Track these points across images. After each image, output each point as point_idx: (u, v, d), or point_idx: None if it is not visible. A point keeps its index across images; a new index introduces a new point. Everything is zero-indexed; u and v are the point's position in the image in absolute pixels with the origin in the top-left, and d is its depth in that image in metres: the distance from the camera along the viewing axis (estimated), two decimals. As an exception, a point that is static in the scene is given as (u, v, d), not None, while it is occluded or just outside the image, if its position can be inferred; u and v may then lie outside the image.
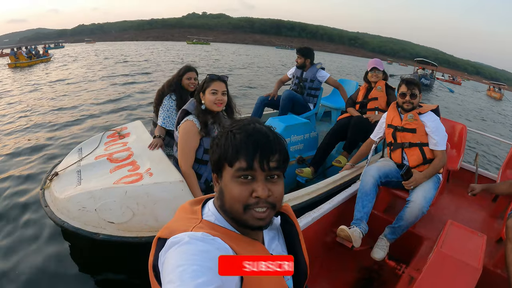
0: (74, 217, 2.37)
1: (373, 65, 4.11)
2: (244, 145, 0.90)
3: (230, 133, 0.94)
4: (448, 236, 2.08)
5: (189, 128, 2.52)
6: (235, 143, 0.91)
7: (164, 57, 28.57)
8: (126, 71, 16.76)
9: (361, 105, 4.22)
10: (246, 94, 12.61)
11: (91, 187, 2.42)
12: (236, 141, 0.91)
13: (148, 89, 11.79)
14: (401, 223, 2.63)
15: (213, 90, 2.50)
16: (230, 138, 0.93)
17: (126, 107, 9.05)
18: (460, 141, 3.78)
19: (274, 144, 0.93)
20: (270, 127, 0.99)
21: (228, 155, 0.91)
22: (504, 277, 2.36)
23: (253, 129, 0.93)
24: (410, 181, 2.71)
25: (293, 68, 5.03)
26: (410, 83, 2.86)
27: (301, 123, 4.09)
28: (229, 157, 0.91)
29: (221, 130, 0.99)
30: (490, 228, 3.18)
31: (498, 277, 2.43)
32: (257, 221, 0.92)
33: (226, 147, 0.92)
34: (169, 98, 3.24)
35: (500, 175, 3.66)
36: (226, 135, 0.94)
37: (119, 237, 2.30)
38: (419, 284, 1.85)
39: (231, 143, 0.92)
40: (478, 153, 4.34)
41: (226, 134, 0.95)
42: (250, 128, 0.93)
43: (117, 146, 3.08)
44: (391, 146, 3.03)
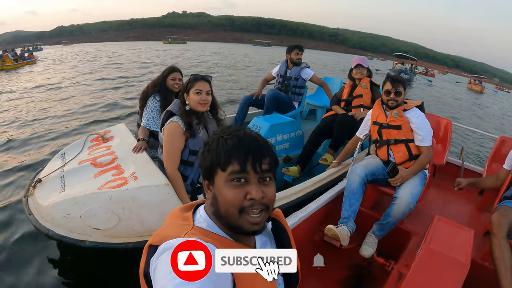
0: (59, 225, 2.30)
1: (358, 62, 4.12)
2: (236, 149, 0.92)
3: (221, 139, 0.95)
4: (435, 232, 2.10)
5: (174, 130, 2.48)
6: (227, 148, 0.92)
7: (138, 58, 28.13)
8: (107, 73, 16.46)
9: (346, 102, 4.23)
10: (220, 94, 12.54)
11: (75, 193, 2.35)
12: (228, 146, 0.93)
13: (130, 90, 11.61)
14: (388, 220, 2.65)
15: (197, 90, 2.46)
16: (221, 144, 0.94)
17: (109, 109, 8.91)
18: (445, 136, 3.82)
19: (265, 147, 0.95)
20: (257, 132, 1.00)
21: (221, 160, 0.92)
22: (491, 269, 2.39)
23: (243, 134, 0.96)
24: (396, 178, 2.73)
25: (277, 67, 5.03)
26: (395, 81, 2.87)
27: (286, 122, 4.10)
28: (222, 161, 0.92)
29: (211, 137, 1.00)
30: (477, 221, 3.23)
31: (486, 270, 2.45)
32: (252, 225, 0.93)
33: (218, 152, 0.93)
34: (153, 98, 3.19)
35: (486, 169, 3.72)
36: (217, 141, 0.95)
37: (105, 243, 2.25)
38: (408, 281, 1.87)
39: (223, 148, 0.93)
40: (463, 147, 4.42)
41: (217, 140, 0.96)
42: (241, 134, 0.95)
43: (100, 150, 3.01)
44: (377, 143, 3.04)
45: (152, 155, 3.05)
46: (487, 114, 20.48)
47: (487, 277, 2.32)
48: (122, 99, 10.17)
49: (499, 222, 2.32)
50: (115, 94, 10.87)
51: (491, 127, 15.74)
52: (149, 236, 2.36)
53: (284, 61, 4.94)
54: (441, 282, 1.82)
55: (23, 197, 2.67)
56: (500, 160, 3.52)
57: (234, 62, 28.79)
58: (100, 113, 8.45)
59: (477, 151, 9.32)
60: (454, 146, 8.19)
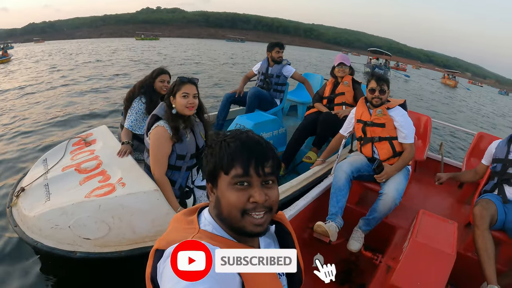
0: (47, 236, 2.22)
1: (340, 60, 4.16)
2: (239, 153, 0.92)
3: (224, 143, 0.95)
4: (421, 226, 2.16)
5: (161, 134, 2.44)
6: (230, 151, 0.93)
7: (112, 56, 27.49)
8: (83, 73, 15.97)
9: (328, 100, 4.26)
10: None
11: (62, 203, 2.27)
12: (230, 149, 0.93)
13: (107, 91, 11.32)
14: (375, 215, 2.72)
15: (184, 93, 2.42)
16: (224, 147, 0.94)
17: (88, 110, 8.58)
18: (425, 132, 3.92)
19: (267, 151, 0.96)
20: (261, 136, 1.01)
21: (224, 163, 0.93)
22: (474, 259, 2.52)
23: (246, 137, 0.96)
24: (381, 175, 2.79)
25: (259, 64, 5.02)
26: (379, 79, 2.92)
27: (269, 120, 4.11)
28: (225, 165, 0.93)
29: (213, 140, 1.00)
30: (458, 213, 3.36)
31: (469, 260, 2.58)
32: (255, 227, 0.93)
33: (221, 156, 0.94)
34: (139, 100, 3.12)
35: (464, 163, 3.85)
36: (220, 145, 0.96)
37: (97, 253, 2.19)
38: (398, 273, 1.93)
39: (226, 151, 0.93)
40: (442, 142, 4.53)
41: (220, 144, 0.96)
42: (243, 137, 0.96)
43: (84, 154, 2.92)
44: (361, 141, 3.09)
45: (137, 157, 3.00)
46: (462, 108, 21.05)
47: (470, 267, 2.43)
48: (101, 99, 9.91)
49: (481, 215, 2.43)
50: (94, 95, 10.55)
51: (465, 120, 16.17)
52: (142, 243, 2.33)
53: (265, 59, 4.93)
54: (429, 273, 1.89)
55: (7, 208, 2.56)
56: (478, 155, 3.69)
57: (207, 58, 28.39)
58: (79, 114, 8.15)
59: (455, 146, 9.56)
60: (432, 141, 8.37)
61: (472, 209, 2.70)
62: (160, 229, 2.35)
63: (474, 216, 2.47)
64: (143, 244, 2.30)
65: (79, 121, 7.62)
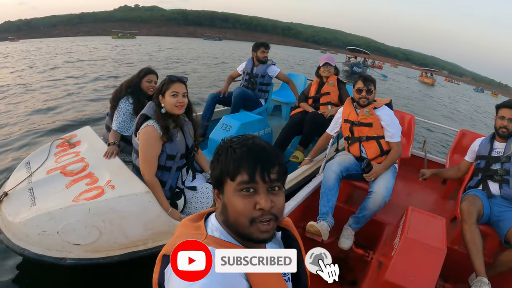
0: (35, 243, 2.12)
1: (325, 60, 4.19)
2: (245, 159, 0.92)
3: (230, 149, 0.95)
4: (411, 222, 2.20)
5: (150, 134, 2.39)
6: (235, 158, 0.93)
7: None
8: (62, 73, 15.52)
9: (314, 100, 4.30)
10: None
11: (49, 207, 2.18)
12: (236, 155, 0.93)
13: (89, 92, 11.03)
14: (365, 213, 2.77)
15: (173, 92, 2.39)
16: (230, 153, 0.94)
17: (70, 111, 8.28)
18: (409, 130, 4.02)
19: (274, 157, 0.95)
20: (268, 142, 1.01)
21: (230, 170, 0.93)
22: (461, 252, 2.62)
23: (252, 143, 0.96)
24: (370, 174, 2.85)
25: (243, 64, 4.99)
26: (366, 80, 2.98)
27: (255, 120, 4.12)
28: (231, 171, 0.93)
29: (220, 146, 1.00)
30: (443, 208, 3.47)
31: (456, 253, 2.66)
32: (262, 233, 0.93)
33: (227, 162, 0.94)
34: (126, 101, 3.03)
35: (448, 160, 3.96)
36: (226, 151, 0.96)
37: (88, 259, 2.12)
38: (392, 269, 1.97)
39: (232, 157, 0.93)
40: (426, 140, 4.61)
41: (226, 150, 0.96)
42: (250, 143, 0.95)
43: (68, 156, 2.82)
44: (349, 140, 3.13)
45: (123, 159, 2.94)
46: (440, 106, 21.50)
47: (457, 260, 2.50)
48: (83, 100, 9.63)
49: (468, 210, 2.51)
50: (74, 95, 10.22)
51: (444, 117, 16.50)
52: (134, 247, 2.28)
53: (250, 59, 4.91)
54: (422, 268, 1.93)
55: None
56: (461, 151, 3.82)
57: (182, 56, 28.07)
58: (60, 116, 7.86)
59: (438, 143, 9.76)
60: (416, 139, 8.55)
61: (458, 205, 2.79)
62: (152, 232, 2.30)
63: (462, 212, 2.54)
64: (135, 248, 2.25)
65: (61, 122, 7.36)
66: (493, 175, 2.77)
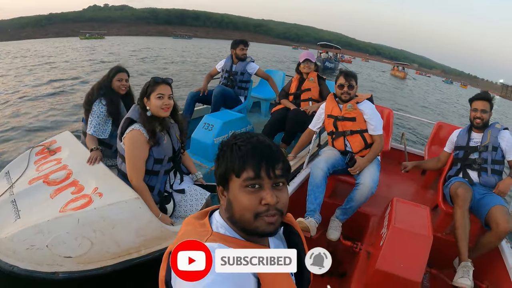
0: (24, 258, 2.01)
1: (306, 57, 4.25)
2: (251, 156, 0.94)
3: (235, 146, 0.97)
4: (397, 212, 2.26)
5: (137, 138, 2.33)
6: (241, 155, 0.94)
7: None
8: (32, 77, 14.95)
9: (294, 96, 4.34)
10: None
11: (35, 220, 2.07)
12: (242, 152, 0.95)
13: (63, 95, 10.69)
14: (352, 204, 2.84)
15: (159, 94, 2.34)
16: (235, 150, 0.96)
17: (44, 117, 8.02)
18: (387, 124, 4.11)
19: (278, 154, 0.97)
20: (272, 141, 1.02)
21: (236, 166, 0.94)
22: (444, 239, 2.80)
23: (256, 141, 0.97)
24: (355, 167, 2.91)
25: (222, 62, 4.97)
26: (348, 75, 3.05)
27: (237, 118, 4.11)
28: (237, 168, 0.94)
29: (224, 144, 1.01)
30: (424, 198, 3.61)
31: (439, 240, 2.79)
32: (267, 226, 0.94)
33: (232, 159, 0.95)
34: (99, 103, 2.93)
35: (426, 151, 4.12)
36: (231, 148, 0.97)
37: (80, 272, 2.04)
38: (381, 258, 2.03)
39: (237, 154, 0.95)
40: (404, 132, 4.74)
41: (231, 147, 0.97)
42: (254, 140, 0.97)
43: (50, 164, 2.71)
44: (333, 135, 3.17)
45: (105, 163, 2.87)
46: (413, 98, 21.97)
47: (440, 246, 2.60)
48: (58, 104, 9.34)
49: (464, 196, 2.62)
50: (49, 100, 9.88)
51: (415, 108, 16.86)
52: (128, 255, 2.21)
53: (229, 56, 4.89)
54: (411, 255, 2.00)
55: None
56: (439, 143, 3.99)
57: (151, 56, 27.59)
58: (35, 122, 7.59)
59: (416, 135, 10.00)
60: (394, 132, 8.72)
61: (439, 194, 3.01)
62: (144, 239, 2.24)
63: (458, 197, 2.64)
64: (128, 256, 2.19)
65: (37, 128, 7.17)
66: (471, 164, 2.93)
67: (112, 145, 3.02)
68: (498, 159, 2.87)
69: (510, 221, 2.47)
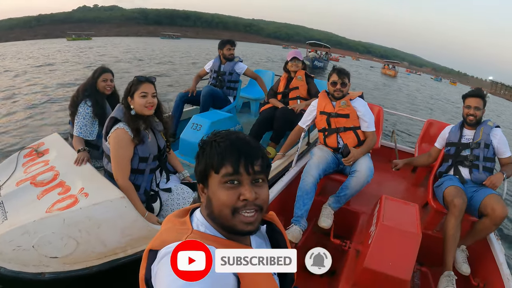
0: (10, 259, 2.01)
1: (293, 55, 4.28)
2: (229, 152, 0.95)
3: (214, 143, 0.98)
4: (386, 210, 2.26)
5: (122, 137, 2.34)
6: (220, 151, 0.96)
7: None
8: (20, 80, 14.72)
9: (283, 95, 4.35)
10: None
11: (22, 221, 2.07)
12: (221, 148, 0.96)
13: (49, 98, 10.54)
14: (346, 192, 2.86)
15: (142, 93, 2.35)
16: (215, 147, 0.97)
17: (32, 120, 7.95)
18: (378, 122, 4.07)
19: (257, 150, 0.99)
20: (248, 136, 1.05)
21: (214, 162, 0.96)
22: (435, 237, 2.79)
23: (236, 137, 0.99)
24: (349, 157, 2.92)
25: (211, 62, 4.98)
26: (341, 73, 3.06)
27: (226, 117, 4.13)
28: (215, 164, 0.95)
29: (204, 141, 1.03)
30: (414, 195, 3.62)
31: (430, 238, 2.80)
32: (245, 225, 0.95)
33: (211, 155, 0.97)
34: (84, 104, 2.93)
35: (417, 148, 4.13)
36: (211, 145, 0.99)
37: (67, 272, 2.04)
38: (370, 256, 2.02)
39: (216, 151, 0.96)
40: (394, 130, 4.75)
41: (211, 144, 0.99)
42: (233, 137, 0.99)
43: (38, 166, 2.70)
44: (326, 132, 3.18)
45: (93, 165, 2.87)
46: (403, 96, 22.08)
47: (430, 244, 2.58)
48: (43, 107, 9.24)
49: (461, 207, 2.59)
50: (36, 103, 9.76)
51: (406, 106, 16.94)
52: (114, 255, 2.21)
53: (217, 57, 4.90)
54: (399, 253, 1.99)
55: None
56: (429, 140, 3.97)
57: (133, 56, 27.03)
58: (23, 125, 7.54)
59: (406, 133, 10.04)
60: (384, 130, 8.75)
61: (429, 191, 3.02)
62: (131, 238, 2.25)
63: (454, 207, 2.61)
64: (114, 256, 2.20)
65: (26, 131, 7.10)
66: (463, 161, 2.93)
67: (99, 146, 3.01)
68: (490, 157, 2.87)
69: (505, 207, 2.50)
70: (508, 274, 2.35)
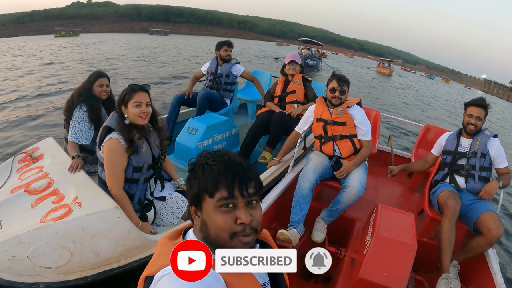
0: (5, 269, 2.01)
1: (291, 58, 4.20)
2: (223, 176, 0.94)
3: (207, 166, 0.97)
4: (381, 220, 2.27)
5: (115, 147, 2.32)
6: (213, 175, 0.94)
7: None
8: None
9: (279, 98, 4.31)
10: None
11: (16, 231, 2.06)
12: (214, 172, 0.95)
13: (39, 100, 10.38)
14: (338, 206, 2.84)
15: (136, 102, 2.32)
16: (207, 170, 0.96)
17: (26, 122, 7.71)
18: (374, 126, 4.08)
19: (250, 172, 0.98)
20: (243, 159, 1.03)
21: (208, 187, 0.94)
22: (430, 244, 2.80)
23: (228, 159, 0.97)
24: (341, 171, 2.91)
25: (207, 64, 4.92)
26: (340, 80, 3.01)
27: (222, 121, 4.09)
28: (210, 188, 0.94)
29: (195, 163, 1.01)
30: (410, 202, 3.59)
31: (425, 245, 2.81)
32: (243, 245, 0.94)
33: (205, 179, 0.95)
34: (80, 109, 2.90)
35: (413, 154, 4.11)
36: (203, 168, 0.97)
37: (61, 282, 2.04)
38: (365, 267, 2.03)
39: (209, 174, 0.95)
40: (391, 134, 4.70)
41: (203, 167, 0.97)
42: (226, 159, 0.97)
43: (32, 172, 2.68)
44: (322, 139, 3.15)
45: (88, 170, 2.86)
46: (399, 96, 22.09)
47: (425, 251, 2.63)
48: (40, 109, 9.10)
49: (455, 209, 2.61)
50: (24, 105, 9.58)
51: (404, 108, 16.95)
52: (107, 265, 2.20)
53: (214, 58, 4.85)
54: (394, 264, 2.00)
55: None
56: (426, 146, 3.97)
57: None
58: (17, 127, 7.39)
59: (403, 137, 10.03)
60: (381, 134, 8.71)
61: (425, 198, 3.00)
62: (124, 249, 2.24)
63: (448, 209, 2.62)
64: (108, 266, 2.20)
65: (20, 134, 6.97)
66: (459, 170, 2.91)
67: (94, 151, 2.98)
68: (486, 166, 2.84)
69: (501, 227, 2.49)
70: (502, 284, 2.36)
